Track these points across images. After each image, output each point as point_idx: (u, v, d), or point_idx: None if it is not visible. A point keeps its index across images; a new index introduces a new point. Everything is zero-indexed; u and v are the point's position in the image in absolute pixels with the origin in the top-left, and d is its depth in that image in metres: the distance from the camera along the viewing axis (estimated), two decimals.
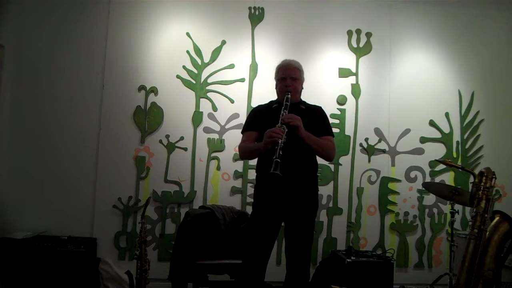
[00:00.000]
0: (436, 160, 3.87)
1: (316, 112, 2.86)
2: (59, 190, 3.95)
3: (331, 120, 4.23)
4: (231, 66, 4.21)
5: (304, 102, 2.89)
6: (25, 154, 3.95)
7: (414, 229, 4.34)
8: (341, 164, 4.30)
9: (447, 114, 4.47)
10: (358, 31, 4.42)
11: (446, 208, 4.32)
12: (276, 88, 2.87)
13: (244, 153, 2.85)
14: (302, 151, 2.64)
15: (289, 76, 2.77)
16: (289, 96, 2.68)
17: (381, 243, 4.29)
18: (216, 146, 4.14)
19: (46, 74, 4.02)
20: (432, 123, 4.45)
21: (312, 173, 2.78)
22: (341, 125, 4.33)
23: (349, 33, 4.41)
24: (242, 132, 2.88)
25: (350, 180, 4.31)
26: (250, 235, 2.72)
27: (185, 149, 4.12)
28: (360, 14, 4.44)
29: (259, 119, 2.80)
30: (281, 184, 2.38)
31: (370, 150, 4.35)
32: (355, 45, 4.42)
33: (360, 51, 4.42)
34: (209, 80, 4.19)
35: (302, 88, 2.88)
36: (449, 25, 4.54)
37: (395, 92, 4.43)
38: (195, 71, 4.18)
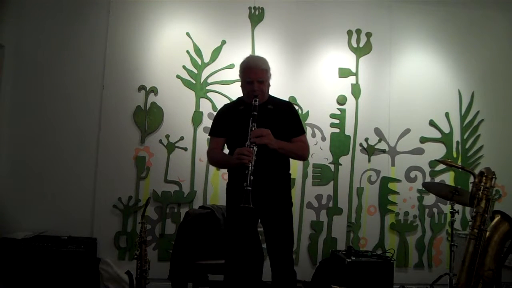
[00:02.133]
0: (436, 160, 3.86)
1: (286, 110, 2.79)
2: (59, 190, 3.95)
3: (331, 120, 4.30)
4: (231, 66, 4.21)
5: (273, 99, 2.81)
6: (25, 154, 3.95)
7: (414, 229, 4.34)
8: (341, 164, 4.30)
9: (447, 114, 4.47)
10: (358, 31, 4.42)
11: (446, 208, 4.32)
12: (242, 87, 2.77)
13: (214, 163, 2.97)
14: (271, 152, 2.59)
15: (256, 80, 2.65)
16: (257, 103, 2.59)
17: (381, 243, 4.29)
18: None
19: (46, 74, 4.02)
20: (432, 123, 4.45)
21: (284, 171, 2.78)
22: (341, 125, 4.33)
23: (349, 33, 4.41)
24: (209, 135, 2.86)
25: (350, 180, 4.31)
26: (227, 236, 2.73)
27: (185, 149, 4.12)
28: (360, 14, 4.44)
29: (225, 122, 2.77)
30: (253, 214, 2.44)
31: (370, 150, 4.35)
32: (355, 45, 4.42)
33: (360, 51, 4.42)
34: (209, 80, 4.19)
35: (270, 85, 2.78)
36: (449, 25, 4.54)
37: (395, 92, 4.43)
38: (195, 71, 4.18)
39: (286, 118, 2.75)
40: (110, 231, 3.97)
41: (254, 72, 2.67)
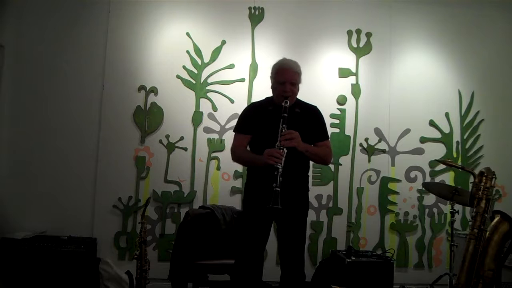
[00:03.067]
0: (436, 160, 3.87)
1: (312, 115, 2.82)
2: (59, 190, 3.95)
3: (331, 120, 4.30)
4: (231, 66, 4.21)
5: (300, 103, 2.83)
6: (25, 154, 3.94)
7: (414, 229, 4.34)
8: (341, 164, 4.30)
9: (447, 114, 4.47)
10: (358, 31, 4.42)
11: (446, 208, 4.32)
12: (272, 89, 2.80)
13: (238, 160, 2.90)
14: (295, 153, 2.61)
15: (289, 81, 2.69)
16: (287, 105, 2.62)
17: (381, 243, 4.29)
18: (216, 146, 4.14)
19: (46, 74, 4.02)
20: (432, 123, 4.45)
21: (304, 173, 2.79)
22: (341, 125, 4.33)
23: (349, 33, 4.41)
24: (234, 131, 2.87)
25: (350, 180, 4.31)
26: (242, 235, 2.73)
27: (185, 149, 4.12)
28: (360, 14, 4.44)
29: (253, 120, 2.78)
30: (280, 215, 2.49)
31: (370, 150, 4.35)
32: (355, 45, 4.42)
33: (360, 51, 4.42)
34: (209, 80, 4.19)
35: (299, 90, 2.81)
36: (449, 25, 4.54)
37: (395, 92, 4.42)
38: (195, 71, 4.18)
39: (313, 122, 2.78)
40: (110, 231, 3.97)
41: (287, 74, 2.71)
